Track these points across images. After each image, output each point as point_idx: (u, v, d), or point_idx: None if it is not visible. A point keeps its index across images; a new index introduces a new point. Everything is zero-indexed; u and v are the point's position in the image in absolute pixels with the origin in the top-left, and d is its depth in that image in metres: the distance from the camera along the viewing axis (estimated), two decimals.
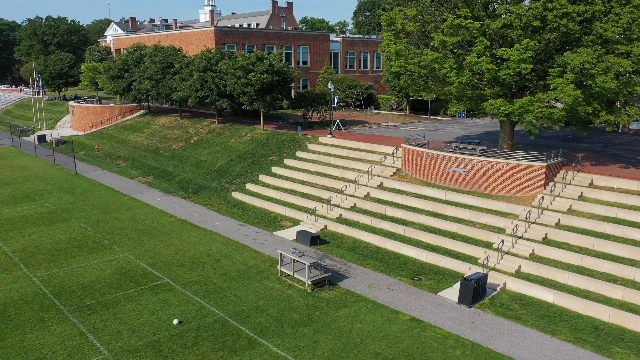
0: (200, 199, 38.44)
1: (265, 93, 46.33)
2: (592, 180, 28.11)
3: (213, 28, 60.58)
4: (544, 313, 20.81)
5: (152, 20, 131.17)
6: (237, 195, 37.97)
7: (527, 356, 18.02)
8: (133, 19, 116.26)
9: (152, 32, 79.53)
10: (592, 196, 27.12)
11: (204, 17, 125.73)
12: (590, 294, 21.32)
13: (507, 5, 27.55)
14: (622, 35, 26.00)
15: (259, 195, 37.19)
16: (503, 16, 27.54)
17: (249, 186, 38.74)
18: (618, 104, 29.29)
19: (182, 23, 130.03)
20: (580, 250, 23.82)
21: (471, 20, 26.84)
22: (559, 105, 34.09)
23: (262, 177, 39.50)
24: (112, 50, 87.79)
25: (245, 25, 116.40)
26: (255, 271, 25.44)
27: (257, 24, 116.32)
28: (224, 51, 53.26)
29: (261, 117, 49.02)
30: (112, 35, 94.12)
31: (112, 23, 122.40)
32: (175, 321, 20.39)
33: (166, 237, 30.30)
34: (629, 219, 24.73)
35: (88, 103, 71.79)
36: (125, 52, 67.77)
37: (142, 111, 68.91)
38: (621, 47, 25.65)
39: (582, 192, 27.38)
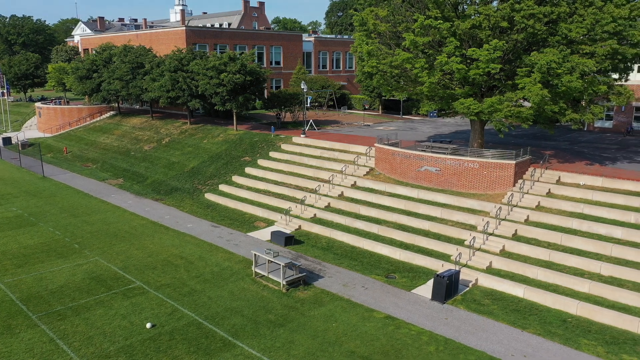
0: (172, 200, 37.98)
1: (237, 93, 46.05)
2: (560, 177, 28.83)
3: (184, 28, 59.93)
4: (514, 308, 21.25)
5: (121, 19, 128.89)
6: (210, 196, 37.64)
7: (498, 350, 18.39)
8: (101, 18, 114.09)
9: (121, 32, 78.16)
10: (559, 193, 27.80)
11: (174, 16, 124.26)
12: (559, 288, 21.87)
13: (476, 6, 28.03)
14: (586, 36, 26.75)
15: (232, 196, 36.95)
16: (472, 17, 28.02)
17: (223, 187, 38.46)
18: (583, 103, 30.13)
19: (152, 23, 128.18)
20: (548, 245, 24.40)
21: (441, 21, 27.23)
22: (527, 104, 34.83)
23: (236, 178, 39.26)
24: (80, 50, 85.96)
25: (216, 25, 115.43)
26: (230, 272, 25.28)
27: (229, 24, 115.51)
28: (196, 51, 52.72)
29: (234, 118, 48.72)
30: (80, 35, 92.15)
31: (80, 22, 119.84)
32: (148, 325, 20.11)
33: (138, 240, 29.84)
34: (595, 214, 25.46)
35: (55, 104, 70.07)
36: (94, 52, 66.45)
37: (112, 112, 67.66)
38: (585, 47, 26.37)
39: (550, 189, 28.06)
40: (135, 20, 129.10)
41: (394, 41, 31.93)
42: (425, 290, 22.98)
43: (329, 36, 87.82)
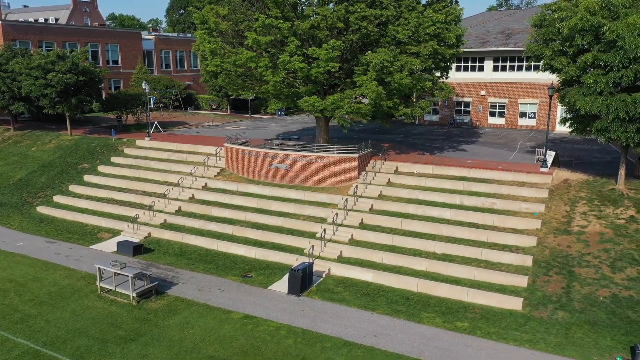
0: None
1: (70, 95, 42.04)
2: (397, 167, 31.31)
3: (0, 22, 53.02)
4: (364, 292, 22.59)
5: None
6: (43, 209, 33.89)
7: (352, 334, 19.39)
8: None
9: None
10: (397, 182, 30.21)
11: None
12: (402, 269, 23.76)
13: (314, 7, 29.12)
14: (412, 37, 29.35)
15: (70, 207, 33.71)
16: (311, 17, 29.05)
17: (58, 198, 34.87)
18: (413, 99, 33.10)
19: None
20: (391, 230, 26.37)
21: (282, 21, 27.78)
22: (365, 100, 37.23)
23: (73, 188, 35.89)
24: None
25: (41, 20, 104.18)
26: (71, 291, 23.04)
27: (56, 19, 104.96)
28: (16, 48, 46.98)
29: (67, 122, 44.43)
30: None
31: None
32: None
33: None
34: (428, 199, 28.13)
35: None
36: None
37: None
38: (412, 48, 28.95)
39: (389, 179, 30.34)
40: None
41: (237, 40, 31.81)
42: (282, 285, 23.34)
43: (171, 34, 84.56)
